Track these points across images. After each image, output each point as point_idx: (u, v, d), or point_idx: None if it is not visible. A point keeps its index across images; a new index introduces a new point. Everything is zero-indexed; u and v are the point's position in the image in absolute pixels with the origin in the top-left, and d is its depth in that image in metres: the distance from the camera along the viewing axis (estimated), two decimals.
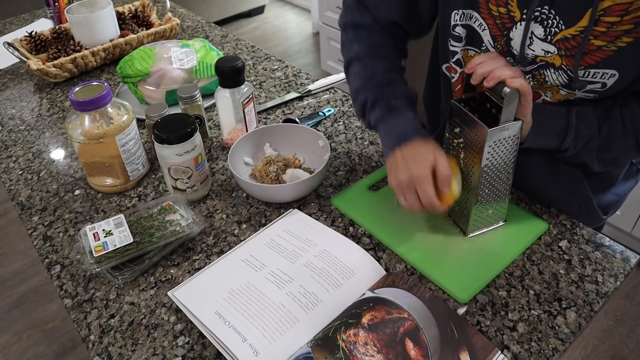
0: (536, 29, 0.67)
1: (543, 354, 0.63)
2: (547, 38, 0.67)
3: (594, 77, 0.67)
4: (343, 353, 0.61)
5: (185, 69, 1.10)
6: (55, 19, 1.48)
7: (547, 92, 0.73)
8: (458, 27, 0.75)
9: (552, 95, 0.74)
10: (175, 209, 0.81)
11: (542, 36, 0.67)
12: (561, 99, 0.73)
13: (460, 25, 0.75)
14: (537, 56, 0.70)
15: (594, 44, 0.64)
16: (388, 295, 0.68)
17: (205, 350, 0.65)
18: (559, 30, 0.66)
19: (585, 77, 0.67)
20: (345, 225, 0.82)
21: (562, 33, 0.66)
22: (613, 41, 0.63)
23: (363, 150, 0.98)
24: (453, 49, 0.79)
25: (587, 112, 0.70)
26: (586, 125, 0.69)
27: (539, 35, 0.68)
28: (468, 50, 0.78)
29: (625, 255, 0.75)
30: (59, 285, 0.75)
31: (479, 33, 0.74)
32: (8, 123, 1.14)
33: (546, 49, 0.68)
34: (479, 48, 0.76)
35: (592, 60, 0.65)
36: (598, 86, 0.68)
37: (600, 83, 0.67)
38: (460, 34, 0.76)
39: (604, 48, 0.64)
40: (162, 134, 0.79)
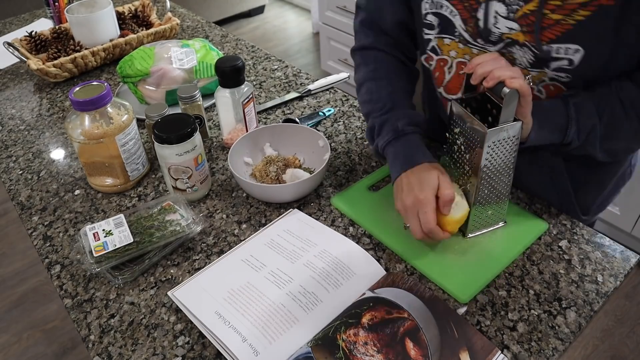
0: (499, 7, 0.69)
1: (543, 354, 0.63)
2: (509, 15, 0.69)
3: (557, 53, 0.68)
4: (343, 353, 0.61)
5: (185, 69, 1.10)
6: (55, 19, 1.48)
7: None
8: (429, 15, 0.77)
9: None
10: (175, 209, 0.81)
11: (505, 14, 0.69)
12: (540, 79, 0.73)
13: (431, 13, 0.77)
14: (503, 33, 0.71)
15: (551, 17, 0.65)
16: (388, 295, 0.68)
17: (205, 350, 0.65)
18: (519, 7, 0.67)
19: (551, 54, 0.68)
20: (345, 225, 0.82)
21: (522, 10, 0.67)
22: (570, 14, 0.64)
23: (363, 150, 0.98)
24: (427, 37, 0.81)
25: (585, 103, 0.70)
26: (586, 116, 0.69)
27: (502, 14, 0.69)
28: (443, 39, 0.79)
29: (625, 255, 0.75)
30: (59, 285, 0.75)
31: (450, 19, 0.76)
32: (8, 123, 1.14)
33: (510, 26, 0.70)
34: (452, 34, 0.77)
35: (553, 35, 0.66)
36: (565, 63, 0.68)
37: (566, 60, 0.68)
38: (432, 22, 0.78)
39: (562, 22, 0.65)
40: (162, 134, 0.79)
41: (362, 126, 1.04)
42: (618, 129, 0.70)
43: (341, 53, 2.61)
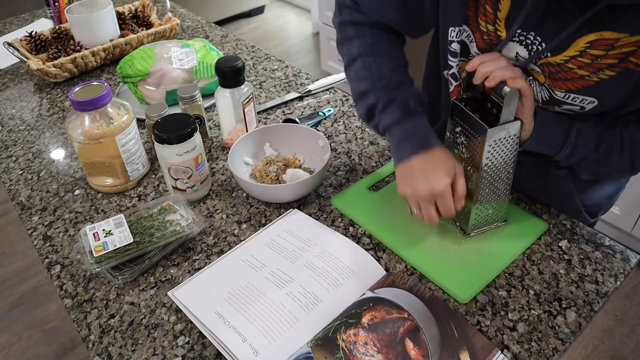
0: (521, 50, 0.68)
1: (543, 354, 0.63)
2: (531, 60, 0.68)
3: (573, 101, 0.68)
4: (343, 353, 0.61)
5: (185, 69, 1.10)
6: (55, 19, 1.48)
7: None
8: (454, 43, 0.75)
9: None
10: (175, 209, 0.81)
11: (527, 57, 0.68)
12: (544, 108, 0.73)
13: (455, 41, 0.74)
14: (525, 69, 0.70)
15: (577, 73, 0.65)
16: (388, 295, 0.68)
17: (205, 350, 0.65)
18: (543, 57, 0.66)
19: (565, 99, 0.69)
20: (345, 225, 0.82)
21: (545, 59, 0.66)
22: (596, 72, 0.64)
23: (363, 150, 0.98)
24: (450, 63, 0.79)
25: (589, 132, 0.70)
26: (584, 144, 0.70)
27: (524, 57, 0.68)
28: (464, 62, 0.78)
29: (625, 255, 0.75)
30: (59, 285, 0.75)
31: (467, 44, 0.74)
32: (8, 123, 1.14)
33: (532, 67, 0.69)
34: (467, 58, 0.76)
35: (574, 87, 0.66)
36: (577, 108, 0.69)
37: (579, 106, 0.69)
38: (455, 50, 0.76)
39: (586, 78, 0.65)
40: (162, 134, 0.79)
41: (362, 126, 1.04)
42: (608, 160, 0.71)
43: None
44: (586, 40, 0.62)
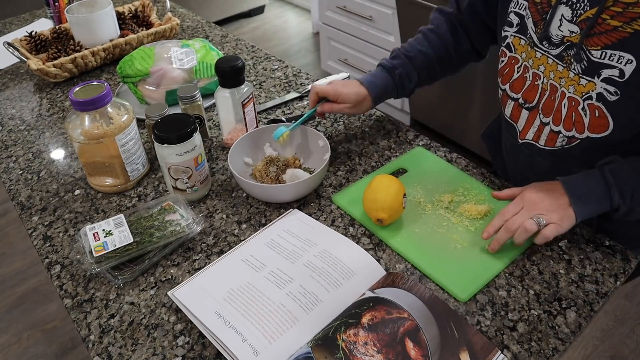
0: (565, 11, 0.72)
1: (543, 354, 0.63)
2: (573, 19, 0.71)
3: (610, 59, 0.68)
4: (343, 353, 0.61)
5: (185, 69, 1.10)
6: (55, 19, 1.48)
7: (570, 86, 0.75)
8: (512, 13, 0.81)
9: (574, 90, 0.75)
10: (175, 209, 0.81)
11: (569, 17, 0.71)
12: (583, 92, 0.74)
13: (514, 12, 0.81)
14: (565, 36, 0.73)
15: (610, 23, 0.66)
16: (388, 295, 0.68)
17: (205, 350, 0.65)
18: (584, 12, 0.69)
19: (602, 58, 0.69)
20: (345, 225, 0.82)
21: (586, 13, 0.69)
22: (629, 22, 0.65)
23: (363, 150, 0.98)
24: (504, 34, 0.84)
25: (621, 167, 0.72)
26: (624, 179, 0.71)
27: (567, 17, 0.72)
28: (520, 38, 0.81)
29: (625, 255, 0.75)
30: (59, 285, 0.75)
31: (526, 22, 0.79)
32: (8, 123, 1.14)
33: (571, 29, 0.72)
34: (524, 35, 0.80)
35: (608, 41, 0.68)
36: (616, 73, 0.69)
37: (617, 69, 0.68)
38: (512, 20, 0.81)
39: (619, 29, 0.66)
40: (162, 134, 0.79)
41: (362, 126, 1.04)
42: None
43: (341, 53, 2.61)
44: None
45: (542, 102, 0.81)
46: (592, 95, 0.73)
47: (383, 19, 2.24)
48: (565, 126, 0.78)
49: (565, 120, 0.78)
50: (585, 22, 0.70)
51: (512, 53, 0.84)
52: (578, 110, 0.75)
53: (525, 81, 0.83)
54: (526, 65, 0.82)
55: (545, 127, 0.82)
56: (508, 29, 0.83)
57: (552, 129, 0.81)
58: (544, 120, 0.82)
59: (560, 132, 0.79)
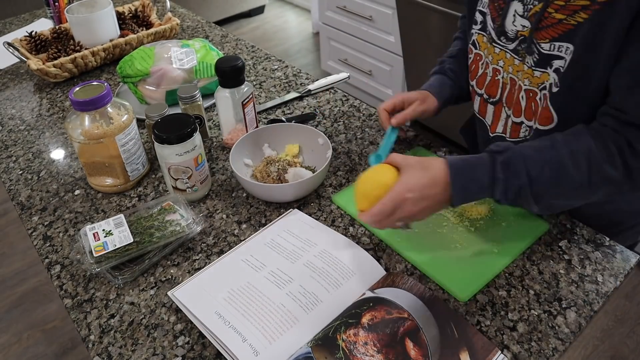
0: (518, 6, 0.75)
1: (543, 354, 0.63)
2: (524, 14, 0.74)
3: (559, 51, 0.71)
4: (343, 353, 0.61)
5: (185, 69, 1.10)
6: (55, 19, 1.48)
7: (525, 79, 0.78)
8: (477, 12, 0.85)
9: (529, 82, 0.77)
10: (175, 209, 0.81)
11: (521, 12, 0.75)
12: (538, 83, 0.75)
13: (478, 10, 0.84)
14: (518, 31, 0.76)
15: (555, 17, 0.69)
16: (388, 295, 0.68)
17: (205, 350, 0.65)
18: (533, 7, 0.72)
19: (551, 50, 0.72)
20: (345, 225, 0.82)
21: (534, 8, 0.72)
22: (572, 15, 0.67)
23: (363, 150, 0.98)
24: (471, 32, 0.87)
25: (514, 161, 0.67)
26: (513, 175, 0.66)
27: (519, 12, 0.75)
28: (482, 36, 0.84)
29: (625, 255, 0.75)
30: (59, 285, 0.75)
31: (486, 19, 0.82)
32: (8, 123, 1.14)
33: (523, 24, 0.75)
34: (485, 32, 0.83)
35: (555, 33, 0.70)
36: (562, 63, 0.71)
37: (564, 59, 0.71)
38: (477, 19, 0.85)
39: (564, 21, 0.69)
40: (162, 134, 0.79)
41: (361, 126, 1.04)
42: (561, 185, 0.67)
43: (341, 53, 2.61)
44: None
45: (505, 96, 0.84)
46: (546, 85, 0.75)
47: (383, 19, 2.24)
48: (526, 116, 0.81)
49: (525, 111, 0.80)
50: (534, 17, 0.72)
51: (477, 50, 0.87)
52: (536, 100, 0.77)
53: (486, 77, 0.86)
54: (487, 62, 0.85)
55: (509, 119, 0.85)
56: (474, 27, 0.86)
57: (514, 121, 0.83)
58: (509, 113, 0.84)
59: (523, 123, 0.82)
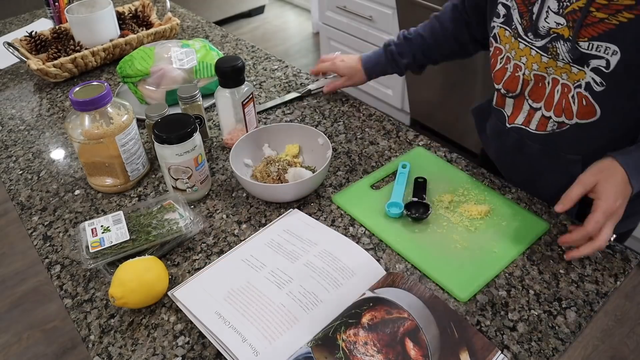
0: (552, 3, 0.73)
1: (543, 354, 0.63)
2: (559, 11, 0.72)
3: (597, 51, 0.70)
4: (343, 353, 0.61)
5: (185, 69, 1.10)
6: (55, 19, 1.48)
7: (562, 74, 0.77)
8: (500, 4, 0.82)
9: (567, 77, 0.76)
10: (175, 208, 0.81)
11: (556, 9, 0.72)
12: (575, 80, 0.75)
13: (501, 3, 0.82)
14: (551, 28, 0.74)
15: (596, 15, 0.68)
16: (388, 295, 0.68)
17: (205, 350, 0.65)
18: (570, 4, 0.70)
19: (590, 49, 0.71)
20: (345, 225, 0.82)
21: (572, 6, 0.70)
22: (614, 14, 0.66)
23: (363, 150, 0.98)
24: (492, 24, 0.85)
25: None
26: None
27: (554, 9, 0.73)
28: (505, 29, 0.83)
29: (625, 255, 0.75)
30: (59, 285, 0.75)
31: (511, 13, 0.80)
32: (8, 123, 1.14)
33: (558, 21, 0.73)
34: (509, 26, 0.81)
35: (595, 32, 0.69)
36: (603, 63, 0.70)
37: (604, 59, 0.70)
38: (499, 11, 0.83)
39: (605, 21, 0.67)
40: (162, 134, 0.79)
41: (361, 126, 1.04)
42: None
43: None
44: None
45: (528, 91, 0.83)
46: (582, 83, 0.75)
47: (383, 19, 2.24)
48: (556, 112, 0.80)
49: (555, 107, 0.80)
50: (572, 15, 0.71)
51: (498, 44, 0.85)
52: (568, 97, 0.78)
53: (505, 72, 0.85)
54: (508, 57, 0.84)
55: (536, 113, 0.84)
56: (495, 20, 0.84)
57: (543, 114, 0.83)
58: (534, 106, 0.84)
59: (551, 118, 0.82)
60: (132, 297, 0.68)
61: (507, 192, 0.86)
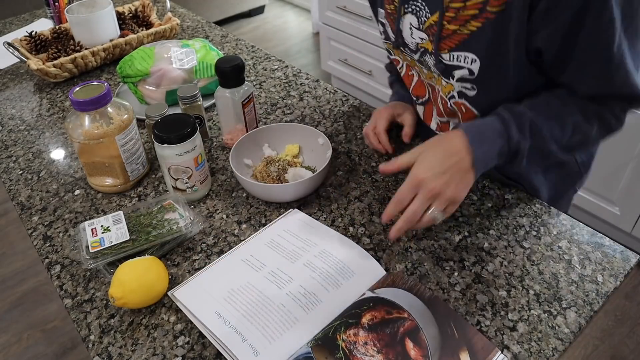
0: (412, 19, 0.75)
1: (543, 354, 0.63)
2: (419, 27, 0.75)
3: (459, 61, 0.72)
4: (343, 353, 0.61)
5: (185, 69, 1.10)
6: (55, 19, 1.48)
7: (437, 86, 0.80)
8: (379, 22, 0.85)
9: (440, 89, 0.79)
10: (175, 208, 0.81)
11: (417, 25, 0.75)
12: (446, 92, 0.78)
13: (380, 21, 0.84)
14: (418, 43, 0.77)
15: (449, 28, 0.70)
16: (388, 295, 0.68)
17: (205, 350, 0.65)
18: (427, 19, 0.72)
19: (452, 60, 0.72)
20: (345, 225, 0.82)
21: (428, 21, 0.72)
22: (464, 24, 0.68)
23: (363, 150, 0.98)
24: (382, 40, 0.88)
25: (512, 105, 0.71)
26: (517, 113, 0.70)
27: (415, 25, 0.75)
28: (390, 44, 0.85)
29: (625, 255, 0.75)
30: (59, 285, 0.75)
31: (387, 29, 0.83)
32: (8, 123, 1.14)
33: (421, 37, 0.75)
34: (389, 41, 0.84)
35: (452, 44, 0.71)
36: (466, 73, 0.72)
37: (466, 69, 0.72)
38: (380, 29, 0.86)
39: (458, 32, 0.69)
40: (162, 134, 0.79)
41: (361, 126, 1.04)
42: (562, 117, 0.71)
43: (341, 53, 2.61)
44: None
45: (432, 96, 0.86)
46: (454, 94, 0.77)
47: None
48: (448, 116, 0.83)
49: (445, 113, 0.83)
50: (430, 29, 0.72)
51: (393, 55, 0.88)
52: (448, 106, 0.81)
53: (412, 78, 0.88)
54: (408, 65, 0.86)
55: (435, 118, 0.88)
56: (381, 36, 0.87)
57: (440, 120, 0.86)
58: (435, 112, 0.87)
59: (449, 121, 0.85)
60: (132, 297, 0.68)
61: (507, 192, 0.86)
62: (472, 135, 0.69)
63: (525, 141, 0.69)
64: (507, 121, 0.69)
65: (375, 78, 2.48)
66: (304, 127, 0.93)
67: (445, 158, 0.68)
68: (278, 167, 0.88)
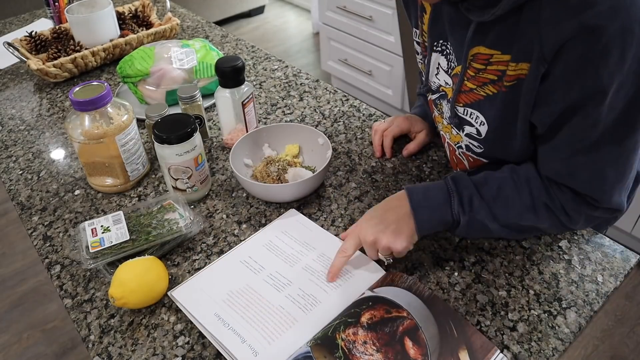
0: (441, 60, 0.74)
1: (543, 354, 0.63)
2: (448, 71, 0.73)
3: (470, 117, 0.72)
4: (342, 352, 0.61)
5: (185, 69, 1.10)
6: (55, 19, 1.48)
7: (446, 133, 0.80)
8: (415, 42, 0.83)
9: (450, 137, 0.80)
10: (175, 208, 0.81)
11: (445, 68, 0.74)
12: (455, 141, 0.78)
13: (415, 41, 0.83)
14: (440, 85, 0.76)
15: (467, 85, 0.70)
16: (387, 294, 0.68)
17: (205, 350, 0.65)
18: (455, 66, 0.71)
19: (464, 114, 0.73)
20: (345, 225, 0.82)
21: (455, 70, 0.71)
22: (482, 86, 0.68)
23: (363, 150, 0.98)
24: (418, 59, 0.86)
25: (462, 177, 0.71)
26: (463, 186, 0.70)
27: (443, 67, 0.74)
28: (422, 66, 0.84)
29: (625, 255, 0.75)
30: (59, 285, 0.75)
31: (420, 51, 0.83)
32: (8, 123, 1.14)
33: (446, 80, 0.75)
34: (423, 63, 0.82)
35: (468, 100, 0.71)
36: (474, 131, 0.73)
37: (474, 128, 0.72)
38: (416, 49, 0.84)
39: (474, 91, 0.69)
40: (162, 134, 0.79)
41: (361, 126, 1.04)
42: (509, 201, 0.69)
43: (341, 53, 2.61)
44: (472, 52, 0.66)
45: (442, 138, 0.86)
46: (462, 145, 0.77)
47: (383, 19, 2.24)
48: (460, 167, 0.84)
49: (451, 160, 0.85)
50: (455, 77, 0.72)
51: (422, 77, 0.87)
52: (455, 155, 0.81)
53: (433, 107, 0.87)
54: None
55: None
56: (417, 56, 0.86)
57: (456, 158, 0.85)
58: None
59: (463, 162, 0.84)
60: (132, 297, 0.68)
61: None
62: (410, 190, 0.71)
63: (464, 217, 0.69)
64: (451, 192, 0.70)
65: (375, 78, 2.48)
66: (304, 127, 0.93)
67: (385, 210, 0.71)
68: (278, 167, 0.88)
